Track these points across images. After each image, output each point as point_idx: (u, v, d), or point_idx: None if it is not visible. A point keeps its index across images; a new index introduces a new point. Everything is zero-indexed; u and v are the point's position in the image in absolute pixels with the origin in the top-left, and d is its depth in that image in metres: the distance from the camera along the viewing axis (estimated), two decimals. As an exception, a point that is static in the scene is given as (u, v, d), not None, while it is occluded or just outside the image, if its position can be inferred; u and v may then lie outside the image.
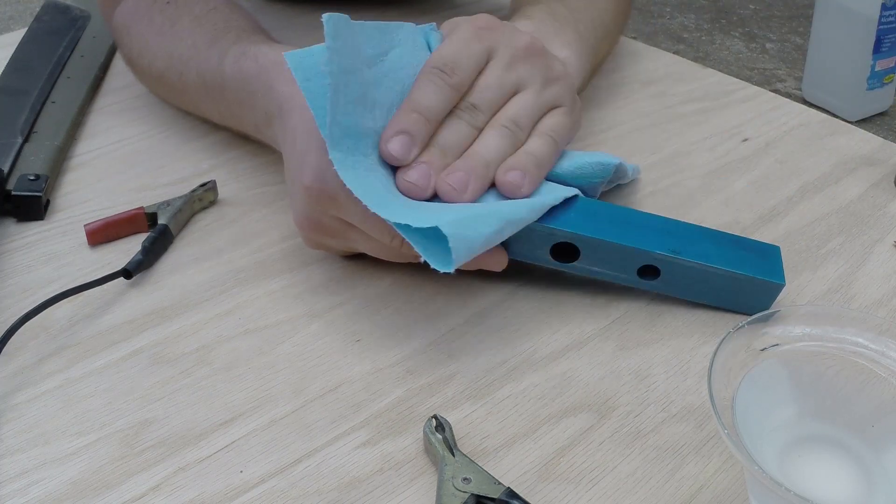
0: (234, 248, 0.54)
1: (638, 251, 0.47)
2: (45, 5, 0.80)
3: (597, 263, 0.48)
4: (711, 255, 0.48)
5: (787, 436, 0.36)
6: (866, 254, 0.54)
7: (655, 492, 0.39)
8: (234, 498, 0.39)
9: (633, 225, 0.48)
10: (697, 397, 0.44)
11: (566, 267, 0.48)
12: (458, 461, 0.39)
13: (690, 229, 0.50)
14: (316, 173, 0.45)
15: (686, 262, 0.47)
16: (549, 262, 0.48)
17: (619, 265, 0.48)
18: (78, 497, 0.39)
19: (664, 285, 0.49)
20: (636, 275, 0.48)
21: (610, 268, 0.48)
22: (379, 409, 0.43)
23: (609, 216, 0.48)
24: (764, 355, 0.37)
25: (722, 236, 0.50)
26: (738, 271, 0.47)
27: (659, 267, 0.48)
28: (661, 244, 0.47)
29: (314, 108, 0.44)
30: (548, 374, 0.45)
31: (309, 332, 0.48)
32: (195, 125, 0.65)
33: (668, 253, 0.47)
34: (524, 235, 0.46)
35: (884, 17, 2.01)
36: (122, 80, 0.72)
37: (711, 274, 0.48)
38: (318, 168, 0.45)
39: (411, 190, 0.45)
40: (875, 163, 0.63)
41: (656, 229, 0.49)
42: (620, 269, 0.48)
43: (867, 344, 0.38)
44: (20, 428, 0.42)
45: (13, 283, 0.51)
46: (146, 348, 0.47)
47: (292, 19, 0.83)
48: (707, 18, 2.77)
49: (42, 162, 0.59)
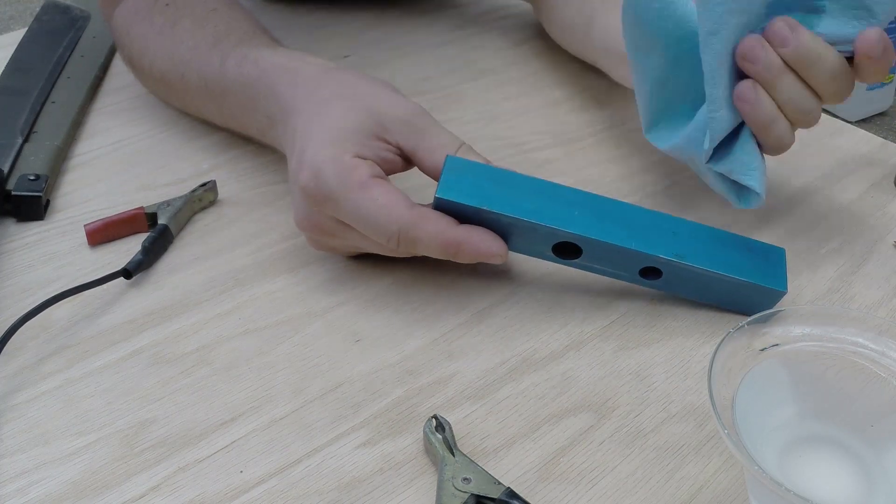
0: (234, 248, 0.54)
1: (640, 254, 0.47)
2: (45, 5, 0.80)
3: (598, 262, 0.48)
4: (715, 259, 0.48)
5: (787, 436, 0.36)
6: (866, 254, 0.54)
7: (655, 492, 0.39)
8: (234, 498, 0.39)
9: (636, 224, 0.48)
10: (697, 397, 0.44)
11: (568, 263, 0.48)
12: (458, 461, 0.39)
13: (695, 229, 0.49)
14: (312, 173, 0.45)
15: (688, 267, 0.47)
16: (550, 259, 0.48)
17: (620, 265, 0.48)
18: (78, 497, 0.39)
19: (666, 285, 0.49)
20: (638, 275, 0.48)
21: (611, 267, 0.48)
22: (379, 409, 0.43)
23: (613, 214, 0.48)
24: (764, 355, 0.37)
25: (727, 237, 0.49)
26: (741, 277, 0.47)
27: (661, 269, 0.48)
28: (665, 247, 0.47)
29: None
30: (548, 374, 0.45)
31: (309, 332, 0.48)
32: (195, 125, 0.65)
33: (670, 257, 0.47)
34: (527, 233, 0.47)
35: (884, 17, 2.01)
36: (122, 80, 0.72)
37: (713, 279, 0.47)
38: (314, 168, 0.45)
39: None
40: (875, 163, 0.63)
41: (660, 229, 0.48)
42: (622, 268, 0.48)
43: (867, 344, 0.38)
44: (20, 428, 0.42)
45: (13, 283, 0.51)
46: (146, 348, 0.47)
47: (292, 19, 0.83)
48: (707, 18, 2.76)
49: (42, 162, 0.59)
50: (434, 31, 0.82)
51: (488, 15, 0.86)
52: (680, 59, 0.51)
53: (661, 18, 0.51)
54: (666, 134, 0.55)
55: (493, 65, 0.76)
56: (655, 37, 0.52)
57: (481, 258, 0.46)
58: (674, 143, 0.54)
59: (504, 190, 0.47)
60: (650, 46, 0.52)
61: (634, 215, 0.48)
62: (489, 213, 0.46)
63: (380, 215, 0.45)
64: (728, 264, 0.48)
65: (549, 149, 0.64)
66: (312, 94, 0.50)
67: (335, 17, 0.83)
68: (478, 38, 0.81)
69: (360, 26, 0.82)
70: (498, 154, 0.63)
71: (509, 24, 0.84)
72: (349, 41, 0.79)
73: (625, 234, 0.47)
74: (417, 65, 0.75)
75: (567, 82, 0.74)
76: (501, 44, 0.80)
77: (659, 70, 0.53)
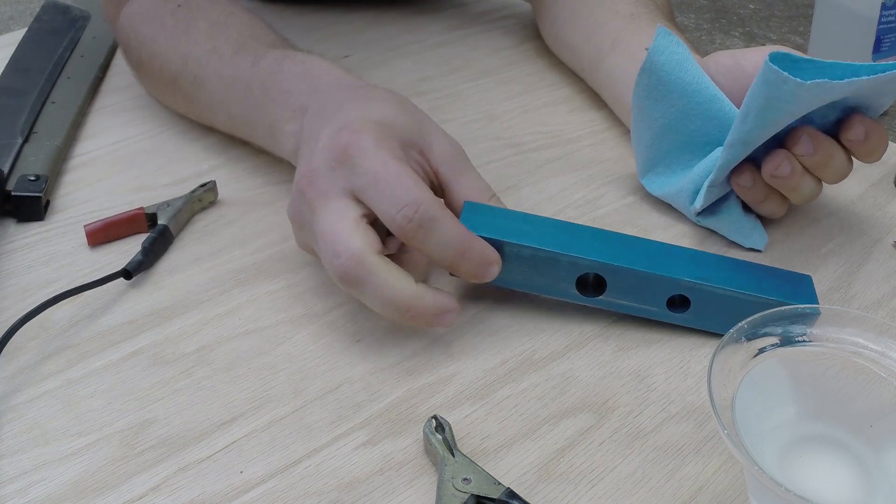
0: (234, 248, 0.54)
1: (667, 279, 0.46)
2: (45, 5, 0.80)
3: (624, 295, 0.47)
4: (743, 282, 0.46)
5: (787, 436, 0.36)
6: (866, 254, 0.54)
7: (655, 492, 0.39)
8: (234, 498, 0.39)
9: (659, 255, 0.47)
10: (697, 397, 0.44)
11: (592, 302, 0.47)
12: (458, 461, 0.39)
13: (719, 259, 0.48)
14: (352, 129, 0.45)
15: (717, 290, 0.46)
16: (574, 297, 0.47)
17: (647, 296, 0.47)
18: (78, 497, 0.39)
19: (695, 317, 0.47)
20: (665, 306, 0.47)
21: (638, 299, 0.47)
22: (379, 409, 0.43)
23: (634, 246, 0.47)
24: (764, 355, 0.37)
25: (752, 266, 0.49)
26: (773, 297, 0.46)
27: (689, 296, 0.46)
28: (690, 272, 0.46)
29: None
30: (548, 375, 0.45)
31: (309, 332, 0.48)
32: (195, 125, 0.65)
33: (698, 280, 0.46)
34: (550, 266, 0.46)
35: (884, 17, 2.01)
36: (122, 80, 0.72)
37: (744, 301, 0.46)
38: (355, 126, 0.46)
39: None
40: (875, 163, 0.63)
41: (683, 258, 0.47)
42: (649, 300, 0.47)
43: (867, 344, 0.38)
44: (20, 428, 0.42)
45: (13, 283, 0.51)
46: (146, 349, 0.47)
47: (292, 19, 0.83)
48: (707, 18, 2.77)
49: (42, 162, 0.59)
50: (434, 31, 0.82)
51: (488, 15, 0.86)
52: (691, 110, 0.54)
53: (681, 69, 0.53)
54: (660, 181, 0.57)
55: (493, 65, 0.76)
56: (672, 85, 0.53)
57: (484, 263, 0.45)
58: (666, 192, 0.56)
59: (524, 227, 0.47)
60: (663, 94, 0.54)
61: (655, 247, 0.48)
62: (511, 246, 0.45)
63: (406, 182, 0.43)
64: (758, 286, 0.46)
65: (549, 149, 0.64)
66: (365, 92, 0.50)
67: (335, 17, 0.83)
68: (478, 38, 0.81)
69: (360, 26, 0.82)
70: (498, 154, 0.63)
71: (509, 24, 0.84)
72: (349, 41, 0.79)
73: (649, 262, 0.46)
74: (417, 65, 0.75)
75: (567, 82, 0.74)
76: (501, 44, 0.80)
77: (667, 118, 0.54)
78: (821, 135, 0.50)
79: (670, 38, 0.53)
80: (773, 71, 0.45)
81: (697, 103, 0.53)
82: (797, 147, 0.50)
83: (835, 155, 0.50)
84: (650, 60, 0.53)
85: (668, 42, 0.53)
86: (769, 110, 0.47)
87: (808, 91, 0.45)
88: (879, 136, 0.50)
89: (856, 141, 0.50)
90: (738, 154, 0.50)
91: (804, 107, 0.48)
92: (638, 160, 0.58)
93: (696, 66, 0.54)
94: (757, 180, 0.52)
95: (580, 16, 0.70)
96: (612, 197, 0.59)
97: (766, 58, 0.45)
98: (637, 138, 0.57)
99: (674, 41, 0.53)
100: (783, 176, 0.50)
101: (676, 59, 0.53)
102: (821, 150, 0.50)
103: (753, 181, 0.52)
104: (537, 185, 0.60)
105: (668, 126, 0.55)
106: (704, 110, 0.53)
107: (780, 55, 0.46)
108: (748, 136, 0.49)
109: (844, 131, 0.50)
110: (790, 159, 0.50)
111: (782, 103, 0.46)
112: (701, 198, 0.53)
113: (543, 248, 0.46)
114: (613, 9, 0.67)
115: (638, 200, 0.58)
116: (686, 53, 0.54)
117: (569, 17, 0.71)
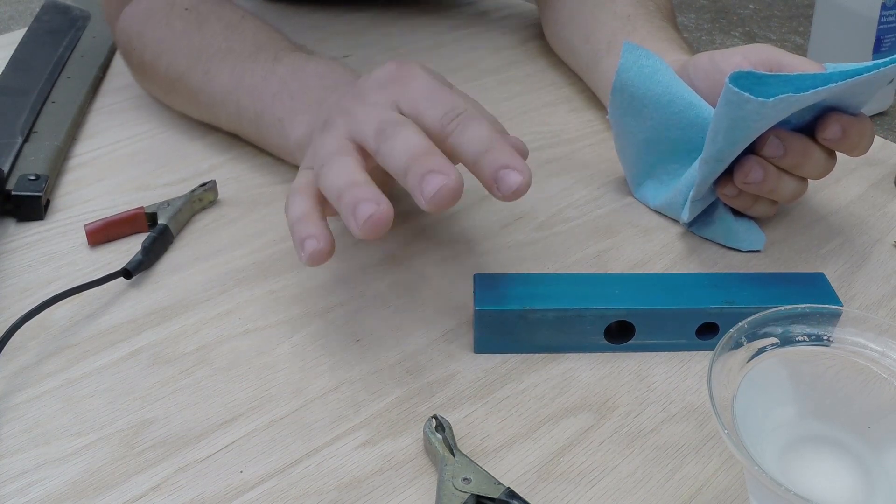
0: (234, 248, 0.54)
1: (693, 311, 0.46)
2: (45, 5, 0.80)
3: (653, 336, 0.46)
4: (766, 296, 0.46)
5: (787, 436, 0.36)
6: (866, 254, 0.54)
7: (655, 492, 0.39)
8: (234, 498, 0.39)
9: (678, 287, 0.47)
10: (697, 397, 0.44)
11: (623, 348, 0.47)
12: (458, 461, 0.39)
13: (736, 278, 0.48)
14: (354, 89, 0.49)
15: (744, 311, 0.45)
16: (603, 348, 0.47)
17: (676, 331, 0.46)
18: (78, 497, 0.39)
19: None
20: (696, 336, 0.47)
21: (667, 336, 0.46)
22: (379, 409, 0.43)
23: (652, 285, 0.47)
24: (764, 355, 0.37)
25: (767, 277, 0.49)
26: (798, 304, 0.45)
27: (717, 323, 0.46)
28: (714, 298, 0.46)
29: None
30: (548, 374, 0.45)
31: (309, 332, 0.48)
32: (195, 125, 0.65)
33: (724, 305, 0.46)
34: (576, 323, 0.45)
35: (884, 17, 2.01)
36: (122, 81, 0.72)
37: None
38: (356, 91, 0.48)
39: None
40: (875, 163, 0.63)
41: (702, 285, 0.47)
42: (678, 334, 0.46)
43: (867, 344, 0.38)
44: (20, 428, 0.42)
45: (13, 283, 0.51)
46: (146, 348, 0.47)
47: (292, 19, 0.83)
48: (707, 18, 2.77)
49: (42, 162, 0.59)
50: (434, 31, 0.82)
51: (488, 15, 0.86)
52: (668, 120, 0.54)
53: (652, 82, 0.53)
54: (652, 193, 0.57)
55: (493, 65, 0.76)
56: (645, 99, 0.54)
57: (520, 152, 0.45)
58: (660, 203, 0.57)
59: (539, 289, 0.46)
60: (639, 109, 0.54)
61: (672, 281, 0.48)
62: (534, 313, 0.45)
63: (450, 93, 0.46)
64: (780, 298, 0.46)
65: (549, 149, 0.64)
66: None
67: (335, 17, 0.83)
68: (478, 38, 0.81)
69: (360, 26, 0.82)
70: (498, 154, 0.63)
71: (510, 24, 0.84)
72: (349, 41, 0.79)
73: (671, 297, 0.46)
74: (417, 65, 0.75)
75: (567, 82, 0.74)
76: (501, 44, 0.80)
77: (647, 132, 0.55)
78: (792, 135, 0.50)
79: (637, 52, 0.53)
80: (734, 93, 0.45)
81: (674, 112, 0.53)
82: (765, 150, 0.50)
83: (810, 153, 0.50)
84: (619, 79, 0.54)
85: (635, 57, 0.53)
86: (736, 129, 0.47)
87: (773, 107, 0.45)
88: (859, 131, 0.50)
89: (833, 140, 0.50)
90: (715, 170, 0.50)
91: (772, 120, 0.48)
92: (627, 176, 0.59)
93: (668, 75, 0.54)
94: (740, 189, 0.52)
95: (580, 16, 0.70)
96: (612, 197, 0.59)
97: (727, 80, 0.45)
98: (622, 155, 0.58)
99: (642, 54, 0.53)
100: (755, 182, 0.51)
101: (646, 72, 0.53)
102: (792, 151, 0.50)
103: (738, 191, 0.52)
104: (537, 185, 0.60)
105: (649, 139, 0.55)
106: (682, 118, 0.53)
107: (742, 74, 0.46)
108: (720, 154, 0.49)
109: (820, 132, 0.50)
110: (761, 163, 0.50)
111: (748, 122, 0.46)
112: (686, 211, 0.53)
113: (568, 307, 0.45)
114: (612, 10, 0.67)
115: (637, 202, 0.58)
116: (656, 65, 0.54)
117: (569, 17, 0.71)
